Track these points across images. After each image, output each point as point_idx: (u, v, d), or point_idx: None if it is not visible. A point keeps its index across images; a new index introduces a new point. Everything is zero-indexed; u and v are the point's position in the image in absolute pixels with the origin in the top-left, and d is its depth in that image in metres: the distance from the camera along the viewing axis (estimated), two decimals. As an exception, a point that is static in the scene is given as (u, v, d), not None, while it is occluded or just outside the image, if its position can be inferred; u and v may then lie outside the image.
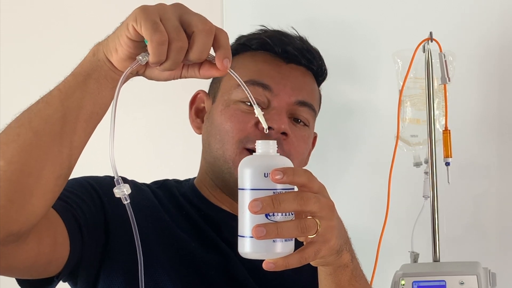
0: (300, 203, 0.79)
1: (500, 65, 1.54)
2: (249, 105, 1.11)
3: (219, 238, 1.12)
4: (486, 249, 1.53)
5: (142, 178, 1.19)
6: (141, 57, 0.83)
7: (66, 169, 0.86)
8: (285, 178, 0.78)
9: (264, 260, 0.81)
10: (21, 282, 0.99)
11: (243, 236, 0.80)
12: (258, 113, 0.87)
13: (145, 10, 0.81)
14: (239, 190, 0.81)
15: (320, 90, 1.26)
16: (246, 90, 0.87)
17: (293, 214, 0.80)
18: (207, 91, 1.24)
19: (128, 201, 0.82)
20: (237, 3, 1.70)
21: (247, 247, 0.80)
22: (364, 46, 1.61)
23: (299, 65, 1.20)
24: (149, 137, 1.75)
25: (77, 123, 0.85)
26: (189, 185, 1.22)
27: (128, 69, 0.84)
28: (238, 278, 1.10)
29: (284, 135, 1.12)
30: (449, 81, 1.34)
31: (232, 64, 0.85)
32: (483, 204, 1.55)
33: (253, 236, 0.77)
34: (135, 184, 1.16)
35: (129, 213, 0.82)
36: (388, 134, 1.38)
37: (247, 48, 1.21)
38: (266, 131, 0.89)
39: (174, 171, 1.35)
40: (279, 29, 1.24)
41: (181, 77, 0.91)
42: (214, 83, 1.21)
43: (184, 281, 1.06)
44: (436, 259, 1.31)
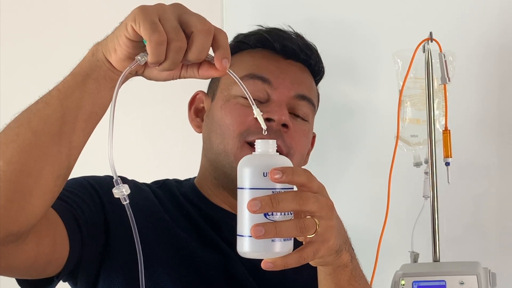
0: (299, 202, 0.79)
1: (500, 65, 1.54)
2: None
3: (219, 237, 1.12)
4: (486, 249, 1.53)
5: (141, 178, 1.19)
6: (140, 57, 0.83)
7: (65, 169, 0.86)
8: (284, 178, 0.77)
9: (263, 259, 0.81)
10: (21, 282, 0.99)
11: (242, 236, 0.80)
12: (257, 113, 0.86)
13: (144, 10, 0.80)
14: (238, 190, 0.81)
15: (318, 89, 1.26)
16: (245, 90, 0.87)
17: (292, 214, 0.80)
18: (205, 92, 1.24)
19: (127, 201, 0.82)
20: (237, 3, 1.70)
21: (245, 247, 0.79)
22: (364, 46, 1.61)
23: (297, 61, 1.20)
24: (148, 137, 1.75)
25: (76, 123, 0.85)
26: (189, 184, 1.22)
27: (127, 69, 0.84)
28: (238, 277, 1.10)
29: (285, 127, 1.12)
30: (449, 81, 1.34)
31: (230, 63, 0.85)
32: (483, 204, 1.55)
33: (251, 235, 0.77)
34: (135, 183, 1.16)
35: (128, 213, 0.82)
36: (388, 134, 1.38)
37: (246, 46, 1.21)
38: (265, 132, 0.88)
39: (173, 171, 1.34)
40: (276, 27, 1.24)
41: (180, 77, 0.91)
42: (213, 82, 1.22)
43: (184, 281, 1.06)
44: (436, 259, 1.31)
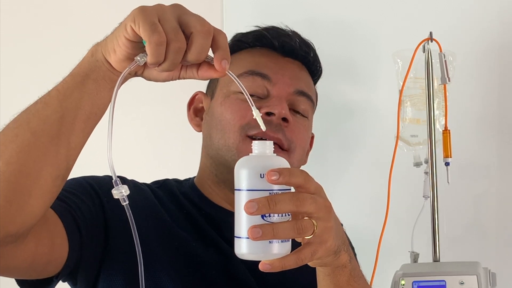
0: (296, 204, 0.79)
1: (500, 65, 1.54)
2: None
3: (219, 237, 1.12)
4: (486, 249, 1.53)
5: (140, 178, 1.19)
6: (139, 58, 0.83)
7: (64, 169, 0.86)
8: (281, 179, 0.77)
9: (260, 261, 0.80)
10: (20, 282, 0.99)
11: (239, 237, 0.80)
12: (256, 114, 0.86)
13: (143, 10, 0.80)
14: (235, 191, 0.81)
15: (316, 89, 1.27)
16: (245, 91, 0.87)
17: (289, 215, 0.80)
18: (204, 92, 1.24)
19: (127, 202, 0.82)
20: (237, 3, 1.70)
21: (243, 248, 0.79)
22: (364, 46, 1.61)
23: (295, 59, 1.21)
24: (148, 137, 1.75)
25: (75, 123, 0.85)
26: (189, 184, 1.22)
27: (126, 70, 0.84)
28: (238, 277, 1.10)
29: (285, 122, 1.13)
30: (449, 81, 1.34)
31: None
32: (483, 204, 1.55)
33: (249, 237, 0.77)
34: (135, 183, 1.16)
35: (128, 214, 0.82)
36: (388, 134, 1.38)
37: (244, 45, 1.21)
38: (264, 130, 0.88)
39: (173, 171, 1.34)
40: (274, 25, 1.24)
41: (179, 78, 0.91)
42: (212, 82, 1.22)
43: (184, 281, 1.06)
44: (436, 259, 1.31)
